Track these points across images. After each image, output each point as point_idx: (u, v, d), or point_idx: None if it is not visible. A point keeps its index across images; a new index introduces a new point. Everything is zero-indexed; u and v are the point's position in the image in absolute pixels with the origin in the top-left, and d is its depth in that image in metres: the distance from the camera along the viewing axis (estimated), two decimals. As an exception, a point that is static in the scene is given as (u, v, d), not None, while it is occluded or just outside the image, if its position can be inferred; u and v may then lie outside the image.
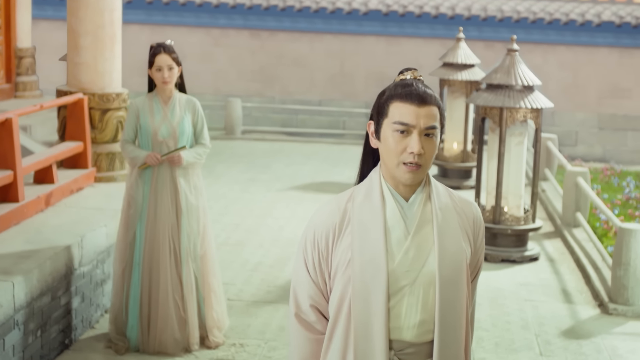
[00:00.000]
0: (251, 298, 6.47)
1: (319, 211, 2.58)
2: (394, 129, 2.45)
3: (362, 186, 2.56)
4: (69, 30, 7.17)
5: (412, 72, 2.54)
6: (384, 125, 2.48)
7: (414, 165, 2.45)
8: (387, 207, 2.50)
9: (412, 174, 2.46)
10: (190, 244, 5.31)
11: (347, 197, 2.56)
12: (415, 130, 2.44)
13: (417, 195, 2.51)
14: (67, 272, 5.32)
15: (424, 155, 2.45)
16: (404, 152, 2.44)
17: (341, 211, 2.53)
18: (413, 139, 2.43)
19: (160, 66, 5.16)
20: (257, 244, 7.95)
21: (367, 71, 14.79)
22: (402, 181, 2.48)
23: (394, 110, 2.45)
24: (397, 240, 2.48)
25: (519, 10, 14.53)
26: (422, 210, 2.51)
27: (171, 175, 5.29)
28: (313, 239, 2.55)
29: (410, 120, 2.43)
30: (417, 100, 2.44)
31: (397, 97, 2.46)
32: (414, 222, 2.49)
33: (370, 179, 2.56)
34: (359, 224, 2.49)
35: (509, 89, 7.31)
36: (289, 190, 10.19)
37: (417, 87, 2.47)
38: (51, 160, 6.37)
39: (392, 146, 2.45)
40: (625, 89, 14.25)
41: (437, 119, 2.48)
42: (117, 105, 7.28)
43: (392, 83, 2.53)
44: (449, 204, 2.54)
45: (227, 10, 14.66)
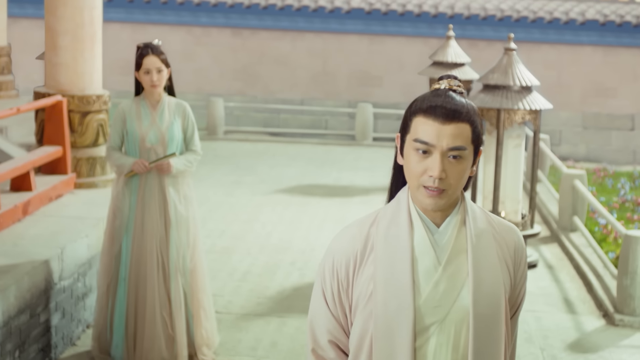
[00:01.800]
0: (240, 310, 6.16)
1: (339, 236, 2.28)
2: (414, 148, 2.15)
3: (388, 208, 2.27)
4: (46, 29, 6.82)
5: (448, 81, 2.22)
6: (407, 142, 2.19)
7: (435, 190, 2.14)
8: (416, 233, 2.21)
9: (433, 199, 2.15)
10: (179, 258, 5.00)
11: (371, 221, 2.26)
12: (437, 150, 2.13)
13: (450, 219, 2.22)
14: (47, 287, 4.99)
15: (446, 179, 2.14)
16: (424, 174, 2.15)
17: (364, 236, 2.23)
18: (434, 160, 2.13)
19: (149, 69, 4.83)
20: (244, 251, 7.65)
21: (350, 70, 14.55)
22: (424, 206, 2.18)
23: (416, 125, 2.16)
24: (426, 272, 2.18)
25: (503, 9, 14.32)
26: (455, 237, 2.21)
27: (160, 184, 4.96)
28: (332, 268, 2.25)
29: (430, 138, 2.13)
30: (442, 116, 2.13)
31: (421, 111, 2.16)
32: (446, 250, 2.20)
33: (397, 200, 2.26)
34: (383, 252, 2.20)
35: (507, 90, 7.05)
36: (275, 194, 9.89)
37: (446, 100, 2.15)
38: (29, 166, 6.02)
39: (412, 166, 2.16)
40: (610, 88, 14.09)
41: (467, 139, 2.15)
42: (97, 107, 6.94)
43: (427, 92, 2.23)
44: (486, 230, 2.24)
45: (208, 8, 14.36)
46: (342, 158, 12.29)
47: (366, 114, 13.67)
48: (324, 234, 8.28)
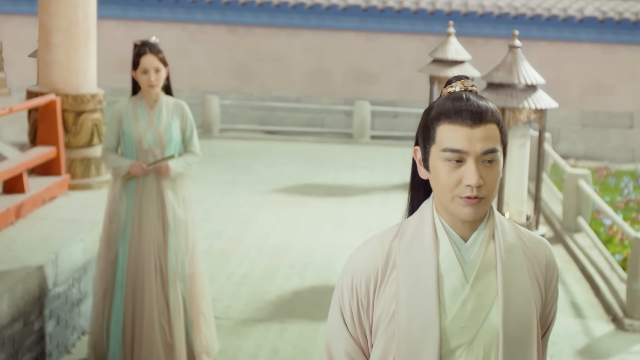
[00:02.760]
0: (240, 316, 5.99)
1: (358, 251, 2.11)
2: (444, 158, 1.99)
3: (411, 221, 2.10)
4: (40, 27, 6.64)
5: (461, 82, 2.06)
6: (433, 153, 2.02)
7: (474, 199, 1.99)
8: (441, 248, 2.04)
9: (472, 207, 1.99)
10: (178, 263, 4.83)
11: (392, 235, 2.09)
12: (471, 157, 1.97)
13: (478, 233, 2.05)
14: (41, 294, 4.81)
15: (484, 186, 1.98)
16: (459, 184, 1.98)
17: (385, 252, 2.07)
18: (469, 168, 1.97)
19: (146, 68, 4.65)
20: (242, 253, 7.48)
21: (347, 67, 14.39)
22: (461, 217, 2.02)
23: (442, 133, 1.99)
24: (453, 290, 2.02)
25: (501, 6, 14.16)
26: (484, 252, 2.05)
27: (158, 187, 4.79)
28: (351, 285, 2.09)
29: (462, 145, 1.97)
30: (469, 119, 1.98)
31: (444, 117, 2.00)
32: (474, 267, 2.04)
33: (421, 212, 2.09)
34: (406, 269, 2.04)
35: (512, 88, 6.89)
36: (272, 194, 9.72)
37: (469, 102, 1.99)
38: (21, 168, 5.84)
39: (444, 179, 1.99)
40: (608, 85, 13.95)
41: (497, 140, 2.00)
42: (92, 107, 6.76)
43: (440, 97, 2.06)
44: (516, 245, 2.09)
45: (203, 5, 14.18)
46: (340, 156, 12.13)
47: (363, 111, 13.50)
48: (323, 235, 8.12)
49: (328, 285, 6.69)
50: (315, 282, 6.75)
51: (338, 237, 8.04)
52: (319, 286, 6.65)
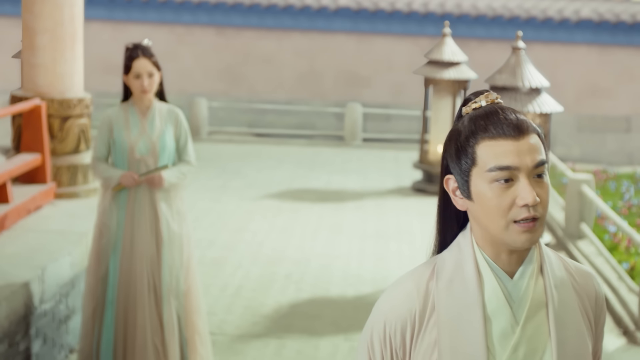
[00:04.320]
0: (235, 331, 5.72)
1: (390, 293, 1.85)
2: (491, 179, 1.75)
3: (447, 258, 1.84)
4: (24, 28, 6.35)
5: (485, 96, 1.83)
6: (474, 177, 1.77)
7: (530, 221, 1.74)
8: (486, 286, 1.80)
9: (531, 233, 1.75)
10: (172, 279, 4.55)
11: (428, 274, 1.84)
12: (522, 173, 1.74)
13: (524, 267, 1.81)
14: (26, 312, 4.53)
15: (539, 204, 1.75)
16: (513, 206, 1.74)
17: (422, 294, 1.81)
18: (522, 186, 1.74)
19: (139, 73, 4.38)
20: (235, 263, 7.21)
21: (337, 70, 14.16)
22: (518, 245, 1.77)
23: (484, 152, 1.75)
24: (502, 333, 1.78)
25: (495, 8, 13.96)
26: (533, 288, 1.81)
27: (150, 198, 4.51)
28: (383, 334, 1.82)
29: (512, 161, 1.74)
30: (513, 131, 1.75)
31: (483, 133, 1.76)
32: (524, 306, 1.80)
33: (458, 247, 1.84)
34: (447, 312, 1.79)
35: (515, 92, 6.67)
36: (264, 199, 9.46)
37: (505, 115, 1.77)
38: (5, 176, 5.56)
39: (495, 203, 1.75)
40: (605, 88, 13.77)
41: (543, 150, 1.79)
42: (79, 111, 6.48)
43: (464, 117, 1.82)
44: (565, 279, 1.86)
45: (191, 6, 13.91)
46: (332, 160, 11.87)
47: (355, 114, 13.26)
48: (318, 243, 7.86)
49: (326, 297, 6.43)
50: (312, 293, 6.49)
51: (334, 245, 7.79)
52: (316, 298, 6.39)
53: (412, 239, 8.08)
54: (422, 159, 10.13)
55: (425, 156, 10.08)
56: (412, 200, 9.65)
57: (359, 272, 7.04)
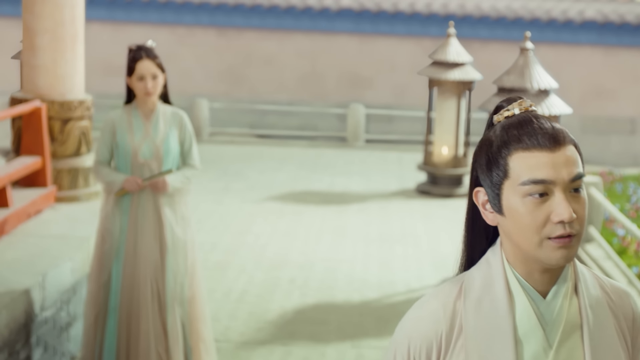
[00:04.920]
0: (240, 338, 5.61)
1: (415, 313, 1.74)
2: (524, 193, 1.64)
3: (475, 276, 1.74)
4: (24, 29, 6.25)
5: (519, 104, 1.72)
6: (506, 191, 1.67)
7: (567, 237, 1.63)
8: (517, 306, 1.69)
9: (566, 249, 1.64)
10: (176, 286, 4.44)
11: (455, 293, 1.73)
12: (558, 187, 1.63)
13: (558, 287, 1.70)
14: (27, 320, 4.42)
15: (576, 220, 1.64)
16: (548, 222, 1.63)
17: (449, 314, 1.71)
18: (558, 201, 1.63)
19: (143, 75, 4.27)
20: (238, 267, 7.10)
21: (340, 71, 14.05)
22: (553, 263, 1.65)
23: (517, 164, 1.65)
24: (534, 357, 1.68)
25: (498, 9, 13.85)
26: (567, 309, 1.70)
27: (154, 203, 4.40)
28: (407, 355, 1.72)
29: (547, 174, 1.63)
30: (548, 141, 1.64)
31: (516, 144, 1.65)
32: (557, 328, 1.69)
33: (487, 264, 1.73)
34: (476, 334, 1.68)
35: (523, 93, 6.55)
36: (266, 202, 9.34)
37: (539, 124, 1.67)
38: (5, 180, 5.44)
39: (528, 219, 1.64)
40: (610, 89, 13.66)
41: (580, 163, 1.68)
42: (79, 113, 6.38)
43: (496, 126, 1.71)
44: (601, 299, 1.75)
45: (193, 7, 13.80)
46: (335, 162, 11.76)
47: (358, 114, 13.14)
48: (322, 246, 7.75)
49: (331, 302, 6.32)
50: (317, 298, 6.38)
51: (338, 249, 7.68)
52: (322, 304, 6.28)
53: (418, 242, 7.98)
54: (426, 161, 10.01)
55: (429, 158, 9.97)
56: (416, 203, 9.54)
57: (364, 277, 6.93)
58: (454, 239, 8.33)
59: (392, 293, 6.56)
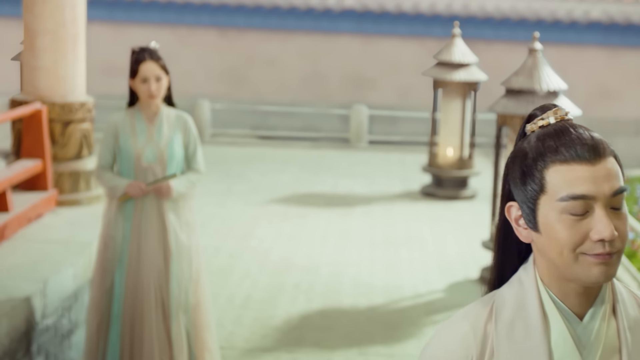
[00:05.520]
0: (245, 344, 5.50)
1: (443, 336, 1.63)
2: (563, 210, 1.52)
3: (507, 296, 1.63)
4: (25, 29, 6.15)
5: (554, 112, 1.61)
6: (542, 207, 1.55)
7: (607, 255, 1.52)
8: (552, 329, 1.58)
9: (606, 266, 1.53)
10: (181, 293, 4.33)
11: (485, 315, 1.62)
12: (598, 203, 1.52)
13: (595, 308, 1.60)
14: (28, 328, 4.32)
15: (617, 237, 1.53)
16: (586, 240, 1.52)
17: (479, 337, 1.60)
18: (599, 218, 1.51)
19: (146, 77, 4.16)
20: (242, 272, 6.99)
21: (342, 71, 13.94)
22: (592, 280, 1.54)
23: (555, 178, 1.53)
24: None
25: (503, 9, 13.74)
26: (605, 332, 1.59)
27: (158, 209, 4.29)
28: None
29: (588, 189, 1.51)
30: (588, 153, 1.52)
31: (553, 156, 1.54)
32: (595, 352, 1.58)
33: (520, 284, 1.62)
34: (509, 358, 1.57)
35: (532, 95, 6.45)
36: (270, 204, 9.23)
37: (578, 135, 1.55)
38: (5, 184, 5.34)
39: (565, 236, 1.52)
40: (615, 90, 13.54)
41: (621, 176, 1.57)
42: (81, 116, 6.28)
43: (530, 136, 1.59)
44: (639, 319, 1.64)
45: (194, 8, 13.70)
46: (338, 163, 11.65)
47: (361, 115, 13.04)
48: (327, 250, 7.64)
49: (337, 308, 6.21)
50: (323, 304, 6.27)
51: (343, 253, 7.57)
52: (327, 309, 6.18)
53: (423, 246, 7.87)
54: (431, 162, 9.90)
55: (434, 159, 9.86)
56: (421, 205, 9.43)
57: (370, 281, 6.82)
58: (460, 242, 8.22)
59: (399, 298, 6.45)
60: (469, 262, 7.32)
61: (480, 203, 9.42)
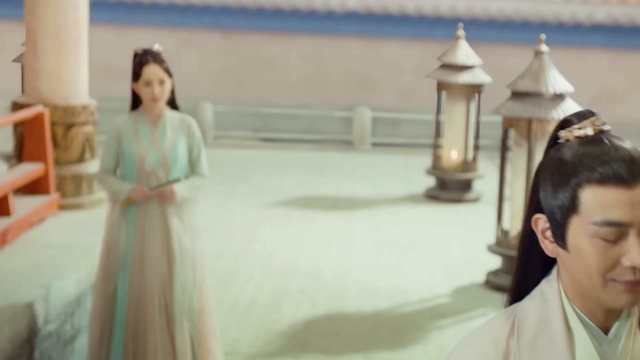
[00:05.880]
0: (249, 350, 5.45)
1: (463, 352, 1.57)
2: (595, 234, 1.45)
3: (529, 310, 1.57)
4: (27, 32, 6.10)
5: (591, 122, 1.52)
6: (573, 226, 1.48)
7: (636, 283, 1.46)
8: (578, 345, 1.52)
9: (634, 294, 1.47)
10: (185, 299, 4.28)
11: (507, 329, 1.56)
12: (633, 229, 1.45)
13: (621, 323, 1.54)
14: (30, 334, 4.26)
15: None
16: (617, 266, 1.46)
17: (501, 353, 1.54)
18: (632, 244, 1.44)
19: (150, 80, 4.10)
20: (246, 276, 6.93)
21: (345, 74, 13.89)
22: (618, 306, 1.49)
23: (590, 200, 1.45)
24: None
25: (506, 11, 13.69)
26: (631, 347, 1.54)
27: (162, 213, 4.24)
28: None
29: (624, 215, 1.44)
30: (627, 174, 1.44)
31: (589, 174, 1.45)
32: None
33: (542, 297, 1.56)
34: None
35: (538, 97, 6.39)
36: (273, 207, 9.18)
37: (616, 150, 1.46)
38: (7, 188, 5.29)
39: (595, 260, 1.46)
40: (619, 93, 13.49)
41: None
42: (83, 119, 6.23)
43: (564, 146, 1.51)
44: None
45: (196, 10, 13.66)
46: (341, 165, 11.59)
47: (364, 117, 12.98)
48: (331, 254, 7.58)
49: (342, 312, 6.15)
50: (327, 308, 6.22)
51: (347, 256, 7.52)
52: (332, 314, 6.12)
53: (428, 249, 7.81)
54: (434, 165, 9.85)
55: (438, 162, 9.80)
56: (425, 208, 9.37)
57: (375, 285, 6.76)
58: (465, 245, 8.17)
59: (404, 302, 6.39)
60: (474, 266, 7.26)
61: (484, 206, 9.37)
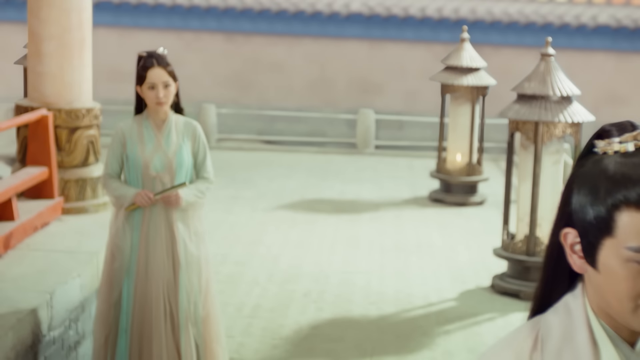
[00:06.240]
0: (255, 355, 5.40)
1: None
2: (629, 259, 1.39)
3: (553, 323, 1.51)
4: (29, 34, 6.06)
5: (634, 137, 1.43)
6: (606, 248, 1.42)
7: None
8: (604, 357, 1.47)
9: None
10: (190, 305, 4.23)
11: (530, 343, 1.50)
12: None
13: None
14: (34, 341, 4.22)
15: None
16: None
17: None
18: None
19: (154, 83, 4.06)
20: (250, 280, 6.89)
21: (349, 76, 13.86)
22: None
23: (626, 223, 1.39)
24: None
25: (511, 13, 13.64)
26: None
27: (167, 218, 4.19)
28: None
29: None
30: None
31: (628, 196, 1.38)
32: None
33: (567, 311, 1.51)
34: None
35: (545, 100, 6.35)
36: (277, 210, 9.14)
37: None
38: (10, 192, 5.25)
39: (626, 285, 1.40)
40: (623, 95, 13.43)
41: None
42: (87, 122, 6.19)
43: (603, 161, 1.42)
44: None
45: (200, 12, 13.62)
46: (345, 168, 11.54)
47: (368, 120, 12.93)
48: (336, 258, 7.54)
49: (348, 317, 6.11)
50: (333, 313, 6.17)
51: (352, 260, 7.47)
52: (338, 319, 6.07)
53: (433, 253, 7.76)
54: (439, 168, 9.80)
55: (442, 165, 9.75)
56: (430, 211, 9.32)
57: (380, 289, 6.72)
58: (471, 249, 8.12)
59: (410, 307, 6.35)
60: (480, 270, 7.21)
61: (489, 209, 9.32)
